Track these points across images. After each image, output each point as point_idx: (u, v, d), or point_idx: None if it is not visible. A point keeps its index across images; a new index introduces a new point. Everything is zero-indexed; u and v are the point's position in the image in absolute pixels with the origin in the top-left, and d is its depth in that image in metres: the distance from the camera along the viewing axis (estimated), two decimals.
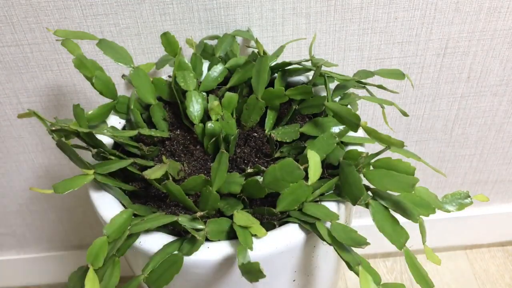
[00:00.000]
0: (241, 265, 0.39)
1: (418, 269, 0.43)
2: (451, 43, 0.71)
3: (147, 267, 0.43)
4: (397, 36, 0.69)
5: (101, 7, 0.64)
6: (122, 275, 0.44)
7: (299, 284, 0.50)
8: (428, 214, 0.46)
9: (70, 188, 0.46)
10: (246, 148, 0.56)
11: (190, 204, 0.47)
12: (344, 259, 0.42)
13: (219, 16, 0.65)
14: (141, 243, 0.46)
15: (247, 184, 0.47)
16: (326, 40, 0.69)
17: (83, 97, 0.73)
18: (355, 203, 0.45)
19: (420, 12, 0.67)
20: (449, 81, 0.75)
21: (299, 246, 0.46)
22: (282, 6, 0.65)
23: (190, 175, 0.53)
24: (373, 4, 0.65)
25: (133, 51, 0.68)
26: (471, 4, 0.66)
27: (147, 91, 0.57)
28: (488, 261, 1.01)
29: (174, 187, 0.46)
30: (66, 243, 0.97)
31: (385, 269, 1.01)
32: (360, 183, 0.44)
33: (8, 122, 0.76)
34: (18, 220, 0.92)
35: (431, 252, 0.45)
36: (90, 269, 0.41)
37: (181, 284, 0.47)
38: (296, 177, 0.44)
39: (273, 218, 0.48)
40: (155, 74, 0.69)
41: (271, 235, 0.45)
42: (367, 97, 0.54)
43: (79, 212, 0.91)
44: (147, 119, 0.59)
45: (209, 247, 0.45)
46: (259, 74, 0.55)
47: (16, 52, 0.68)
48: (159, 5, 0.64)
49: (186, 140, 0.58)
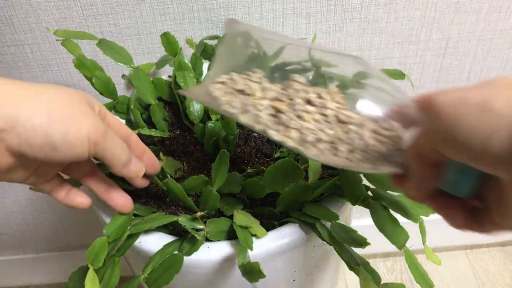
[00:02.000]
0: (241, 265, 0.39)
1: (418, 269, 0.43)
2: (451, 43, 0.71)
3: (147, 267, 0.43)
4: (397, 36, 0.69)
5: (101, 7, 0.64)
6: (122, 275, 0.44)
7: (299, 284, 0.50)
8: (428, 214, 0.46)
9: None
10: (246, 148, 0.56)
11: (190, 204, 0.47)
12: (344, 259, 0.42)
13: (219, 16, 0.65)
14: (141, 243, 0.46)
15: (247, 184, 0.47)
16: (326, 40, 0.69)
17: None
18: (355, 203, 0.45)
19: (420, 12, 0.67)
20: (449, 81, 0.75)
21: (299, 246, 0.46)
22: (282, 6, 0.65)
23: (190, 174, 0.53)
24: (373, 4, 0.65)
25: (133, 51, 0.68)
26: (471, 4, 0.66)
27: (147, 91, 0.57)
28: (488, 261, 1.01)
29: (175, 185, 0.46)
30: (66, 243, 0.97)
31: (385, 269, 1.01)
32: (360, 183, 0.44)
33: None
34: (18, 220, 0.92)
35: (431, 252, 0.45)
36: (90, 269, 0.41)
37: (181, 284, 0.47)
38: (296, 177, 0.44)
39: (273, 218, 0.48)
40: (155, 74, 0.69)
41: (271, 235, 0.45)
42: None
43: (79, 212, 0.91)
44: (147, 119, 0.59)
45: (209, 247, 0.45)
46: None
47: (16, 52, 0.68)
48: (159, 5, 0.64)
49: (186, 140, 0.58)
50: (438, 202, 0.30)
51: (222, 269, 0.45)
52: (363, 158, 0.33)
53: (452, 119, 0.24)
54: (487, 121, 0.23)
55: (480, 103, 0.24)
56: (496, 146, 0.22)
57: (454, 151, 0.25)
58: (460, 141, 0.24)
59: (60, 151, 0.33)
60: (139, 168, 0.41)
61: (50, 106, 0.32)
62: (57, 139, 0.32)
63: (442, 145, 0.25)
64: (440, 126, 0.25)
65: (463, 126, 0.24)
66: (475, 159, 0.24)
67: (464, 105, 0.24)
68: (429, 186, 0.29)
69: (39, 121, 0.31)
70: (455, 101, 0.25)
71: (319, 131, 0.35)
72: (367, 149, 0.34)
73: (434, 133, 0.26)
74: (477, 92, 0.25)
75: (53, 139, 0.32)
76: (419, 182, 0.29)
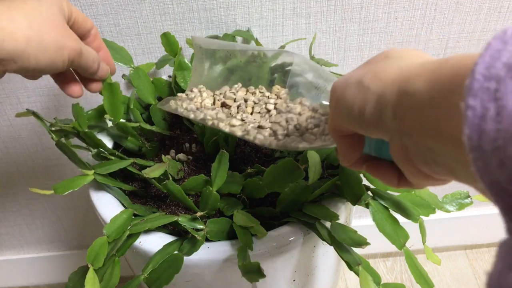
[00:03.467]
0: (241, 265, 0.39)
1: (418, 269, 0.43)
2: (451, 43, 0.71)
3: (147, 267, 0.43)
4: (397, 36, 0.69)
5: (101, 7, 0.64)
6: (122, 275, 0.44)
7: (299, 284, 0.50)
8: (428, 214, 0.46)
9: (70, 189, 0.46)
10: (246, 148, 0.56)
11: (190, 204, 0.47)
12: (344, 259, 0.42)
13: (219, 16, 0.65)
14: (141, 243, 0.46)
15: (247, 184, 0.47)
16: (326, 40, 0.69)
17: (83, 97, 0.72)
18: (355, 203, 0.45)
19: (420, 12, 0.67)
20: None
21: (299, 246, 0.46)
22: (282, 6, 0.65)
23: (190, 175, 0.53)
24: (373, 4, 0.65)
25: (133, 51, 0.68)
26: (471, 4, 0.66)
27: (147, 91, 0.57)
28: (488, 261, 1.01)
29: (174, 187, 0.46)
30: (66, 243, 0.97)
31: (385, 269, 1.01)
32: (360, 183, 0.44)
33: (8, 122, 0.76)
34: (18, 220, 0.92)
35: (431, 252, 0.45)
36: (90, 269, 0.41)
37: (181, 284, 0.47)
38: (296, 177, 0.44)
39: (273, 218, 0.48)
40: (155, 74, 0.69)
41: (271, 235, 0.45)
42: None
43: (79, 212, 0.91)
44: (147, 119, 0.59)
45: (209, 247, 0.45)
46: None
47: None
48: (159, 5, 0.64)
49: (186, 140, 0.58)
50: (371, 166, 0.33)
51: (222, 269, 0.45)
52: (301, 139, 0.40)
53: (340, 97, 0.29)
54: (360, 95, 0.27)
55: (356, 82, 0.28)
56: (367, 115, 0.27)
57: (347, 123, 0.29)
58: (346, 114, 0.29)
59: (46, 71, 0.42)
60: (105, 73, 0.49)
61: (40, 35, 0.39)
62: (45, 65, 0.40)
63: (340, 119, 0.30)
64: (334, 104, 0.30)
65: (346, 102, 0.29)
66: (360, 127, 0.28)
67: (347, 84, 0.29)
68: (353, 154, 0.33)
69: (33, 52, 0.39)
70: (342, 83, 0.30)
71: (261, 120, 0.43)
72: (305, 131, 0.40)
73: (333, 110, 0.31)
74: (356, 73, 0.29)
75: (42, 66, 0.40)
76: (343, 152, 0.33)
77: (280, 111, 0.44)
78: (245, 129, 0.42)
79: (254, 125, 0.43)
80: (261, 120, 0.43)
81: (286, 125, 0.41)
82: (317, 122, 0.41)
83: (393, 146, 0.27)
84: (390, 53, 0.29)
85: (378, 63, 0.29)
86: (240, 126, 0.43)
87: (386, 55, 0.29)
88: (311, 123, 0.41)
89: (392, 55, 0.29)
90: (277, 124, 0.42)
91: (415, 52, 0.29)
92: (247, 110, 0.45)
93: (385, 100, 0.26)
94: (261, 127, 0.42)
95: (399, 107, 0.25)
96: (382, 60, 0.29)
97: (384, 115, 0.26)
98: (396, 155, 0.27)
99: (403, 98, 0.24)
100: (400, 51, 0.29)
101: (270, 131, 0.41)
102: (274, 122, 0.42)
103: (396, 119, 0.25)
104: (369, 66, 0.29)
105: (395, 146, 0.26)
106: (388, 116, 0.25)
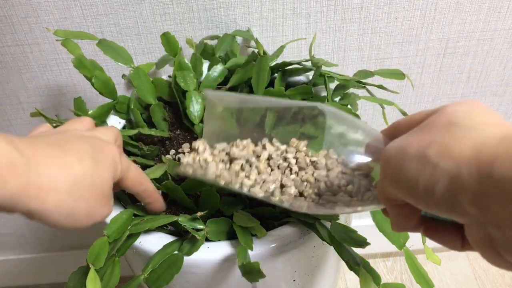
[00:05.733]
0: (241, 265, 0.39)
1: (418, 269, 0.43)
2: (451, 43, 0.71)
3: (147, 267, 0.43)
4: (397, 36, 0.69)
5: (101, 7, 0.64)
6: (122, 275, 0.44)
7: (299, 284, 0.50)
8: None
9: None
10: None
11: (190, 204, 0.47)
12: (344, 259, 0.42)
13: (219, 16, 0.65)
14: (141, 243, 0.46)
15: None
16: (326, 40, 0.69)
17: (83, 97, 0.72)
18: None
19: (420, 12, 0.67)
20: (449, 81, 0.75)
21: (299, 246, 0.46)
22: (282, 6, 0.65)
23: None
24: (373, 4, 0.65)
25: (133, 51, 0.68)
26: (471, 4, 0.66)
27: (147, 91, 0.57)
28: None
29: (174, 187, 0.46)
30: (66, 243, 0.97)
31: (385, 269, 1.01)
32: None
33: (8, 122, 0.76)
34: (18, 220, 0.92)
35: (431, 252, 0.45)
36: (91, 269, 0.41)
37: (181, 284, 0.47)
38: None
39: (273, 218, 0.48)
40: (155, 74, 0.69)
41: (271, 235, 0.45)
42: (367, 97, 0.54)
43: None
44: (147, 119, 0.59)
45: (209, 247, 0.45)
46: (259, 74, 0.55)
47: (16, 52, 0.68)
48: (159, 5, 0.64)
49: (186, 140, 0.58)
50: (430, 230, 0.29)
51: (222, 269, 0.45)
52: (336, 200, 0.34)
53: (399, 169, 0.26)
54: (427, 173, 0.24)
55: (417, 156, 0.24)
56: (437, 195, 0.23)
57: (408, 198, 0.26)
58: (406, 188, 0.25)
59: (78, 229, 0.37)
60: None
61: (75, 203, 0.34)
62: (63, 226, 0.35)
63: (397, 192, 0.26)
64: (390, 175, 0.26)
65: (408, 177, 0.25)
66: (426, 206, 0.25)
67: (404, 157, 0.25)
68: (408, 224, 0.29)
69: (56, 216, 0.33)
70: (397, 152, 0.26)
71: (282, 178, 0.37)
72: (337, 190, 0.35)
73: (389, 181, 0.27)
74: (415, 142, 0.25)
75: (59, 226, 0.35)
76: (396, 221, 0.30)
77: (302, 167, 0.37)
78: (266, 190, 0.37)
79: (276, 184, 0.37)
80: (283, 178, 0.37)
81: (315, 183, 0.36)
82: (350, 178, 0.35)
83: (473, 233, 0.24)
84: (455, 118, 0.25)
85: (442, 131, 0.24)
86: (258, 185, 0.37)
87: (449, 119, 0.25)
88: (343, 179, 0.35)
89: (458, 121, 0.24)
90: (304, 183, 0.36)
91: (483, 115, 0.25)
92: (260, 166, 0.39)
93: (461, 183, 0.22)
94: (283, 186, 0.36)
95: (482, 194, 0.21)
96: (447, 128, 0.24)
97: (461, 199, 0.22)
98: (476, 242, 0.24)
99: (487, 183, 0.21)
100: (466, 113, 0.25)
101: (295, 191, 0.36)
102: (300, 180, 0.36)
103: (478, 207, 0.21)
104: (431, 134, 0.25)
105: (475, 233, 0.23)
106: (467, 201, 0.22)
